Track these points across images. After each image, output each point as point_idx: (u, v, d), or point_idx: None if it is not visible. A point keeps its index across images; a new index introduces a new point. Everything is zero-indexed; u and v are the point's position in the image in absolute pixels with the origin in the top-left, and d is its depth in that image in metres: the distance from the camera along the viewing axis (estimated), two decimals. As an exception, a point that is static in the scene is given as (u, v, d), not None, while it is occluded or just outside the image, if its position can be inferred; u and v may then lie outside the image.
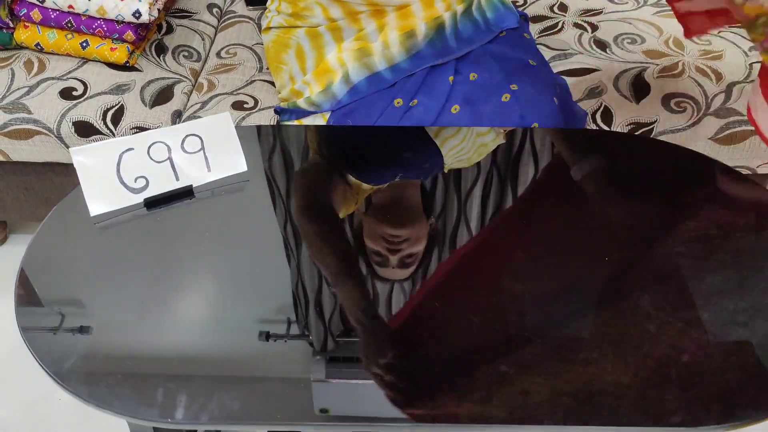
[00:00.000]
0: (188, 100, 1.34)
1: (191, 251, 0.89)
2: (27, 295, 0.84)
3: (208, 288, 0.85)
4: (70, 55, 1.35)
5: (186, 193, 0.94)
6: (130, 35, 1.30)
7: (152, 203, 0.92)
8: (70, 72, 1.33)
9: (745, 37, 1.40)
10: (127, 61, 1.33)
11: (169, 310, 0.82)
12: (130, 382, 0.73)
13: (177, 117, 1.29)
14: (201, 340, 0.79)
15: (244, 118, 1.25)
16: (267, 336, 0.78)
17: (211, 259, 0.88)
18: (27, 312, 0.81)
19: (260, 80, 1.35)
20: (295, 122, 1.15)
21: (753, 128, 0.98)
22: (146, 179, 0.92)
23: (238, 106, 1.28)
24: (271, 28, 1.23)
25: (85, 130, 1.25)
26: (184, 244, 0.90)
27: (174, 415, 0.70)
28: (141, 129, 1.25)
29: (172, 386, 0.73)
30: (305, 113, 1.14)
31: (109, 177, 0.90)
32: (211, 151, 0.94)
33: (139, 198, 0.91)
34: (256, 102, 1.29)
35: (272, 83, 1.32)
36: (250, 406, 0.71)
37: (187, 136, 0.93)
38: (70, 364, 0.75)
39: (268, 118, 1.25)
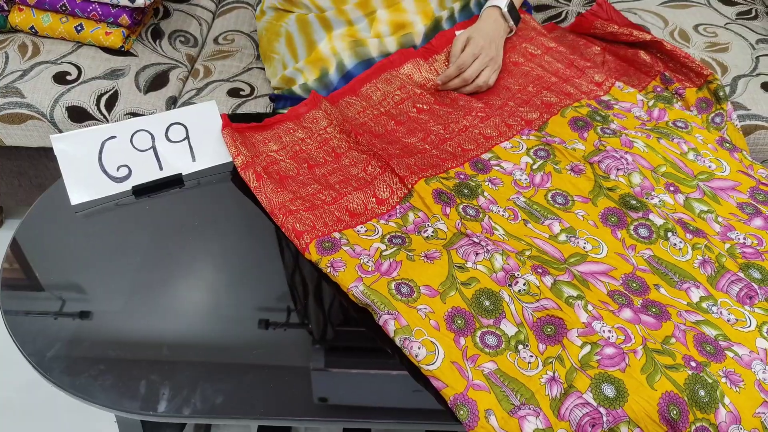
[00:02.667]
0: (184, 86, 1.32)
1: (183, 239, 0.87)
2: (12, 281, 0.82)
3: (204, 276, 0.83)
4: (64, 39, 1.33)
5: (175, 181, 0.92)
6: (125, 19, 1.28)
7: (140, 191, 0.91)
8: (64, 56, 1.31)
9: (752, 30, 1.37)
10: (122, 46, 1.31)
11: (163, 298, 0.81)
12: (118, 373, 0.72)
13: (172, 103, 1.27)
14: (197, 330, 0.77)
15: (239, 106, 1.23)
16: (266, 324, 0.77)
17: (206, 248, 0.87)
18: (11, 297, 0.80)
19: (257, 67, 1.33)
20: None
21: (757, 123, 0.97)
22: (129, 168, 0.90)
23: (234, 93, 1.26)
24: (264, 11, 1.21)
25: (78, 115, 1.24)
26: (175, 232, 0.88)
27: (157, 408, 0.69)
28: (135, 115, 1.23)
29: (160, 378, 0.72)
30: (301, 100, 1.12)
31: (90, 165, 0.88)
32: (196, 140, 0.93)
33: (122, 187, 0.90)
34: (253, 89, 1.27)
35: (268, 70, 1.29)
36: (246, 398, 0.70)
37: (171, 124, 0.92)
38: (53, 352, 0.74)
39: (263, 106, 1.23)
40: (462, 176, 0.91)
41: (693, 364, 0.68)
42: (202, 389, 0.70)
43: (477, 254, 0.78)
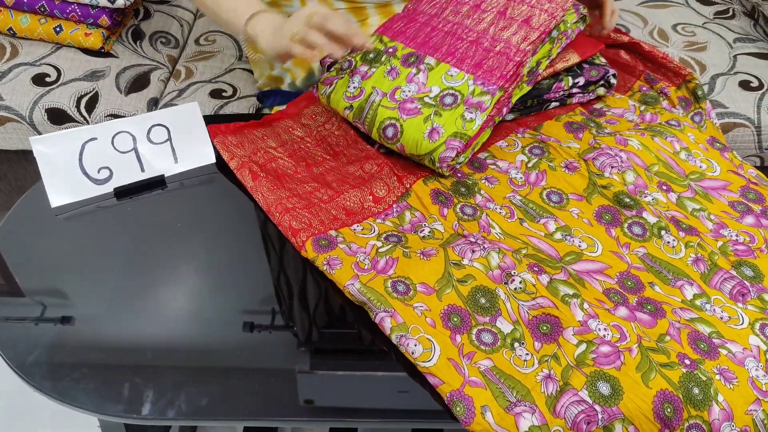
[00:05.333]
0: (165, 87, 1.31)
1: (166, 241, 0.86)
2: (-7, 286, 0.81)
3: (188, 279, 0.82)
4: (43, 40, 1.32)
5: (157, 183, 0.91)
6: (105, 20, 1.27)
7: (122, 193, 0.90)
8: (43, 57, 1.29)
9: (730, 29, 1.39)
10: (102, 47, 1.30)
11: (146, 301, 0.79)
12: (101, 377, 0.71)
13: (153, 105, 1.26)
14: (180, 332, 0.77)
15: (222, 107, 1.22)
16: (251, 326, 0.77)
17: (190, 250, 0.85)
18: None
19: (239, 68, 1.32)
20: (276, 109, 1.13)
21: (735, 121, 0.99)
22: (110, 170, 0.89)
23: (216, 94, 1.25)
24: None
25: (58, 117, 1.22)
26: (157, 234, 0.88)
27: (141, 410, 0.68)
28: (116, 117, 1.22)
29: (143, 381, 0.71)
30: (290, 95, 1.12)
31: (71, 167, 0.87)
32: (178, 141, 0.92)
33: (102, 189, 0.89)
34: (235, 90, 1.26)
35: (252, 71, 1.29)
36: (231, 400, 0.69)
37: (153, 126, 0.91)
38: (33, 358, 0.73)
39: (246, 107, 1.23)
40: (459, 175, 0.92)
41: (687, 362, 0.68)
42: (186, 391, 0.70)
43: (473, 252, 0.78)
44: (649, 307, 0.75)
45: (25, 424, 1.28)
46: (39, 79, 1.25)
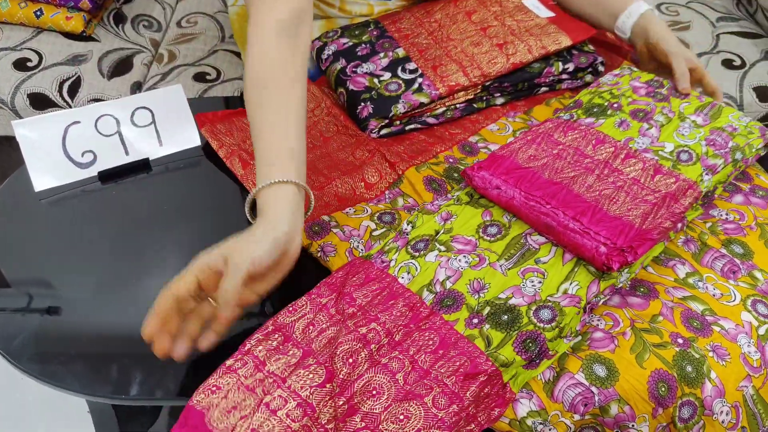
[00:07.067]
0: (148, 71, 1.30)
1: (152, 225, 0.86)
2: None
3: (174, 263, 0.82)
4: (23, 25, 1.30)
5: (142, 166, 0.91)
6: (86, 3, 1.25)
7: (106, 176, 0.89)
8: (24, 42, 1.28)
9: (712, 8, 1.39)
10: (83, 31, 1.29)
11: (133, 286, 0.79)
12: (88, 359, 0.71)
13: (137, 89, 1.25)
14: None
15: (206, 91, 1.22)
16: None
17: (175, 233, 0.85)
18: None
19: (223, 50, 1.31)
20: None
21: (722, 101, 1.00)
22: (94, 153, 0.89)
23: (200, 77, 1.24)
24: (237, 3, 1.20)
25: (40, 102, 1.21)
26: (143, 218, 0.87)
27: (129, 391, 0.69)
28: (99, 101, 1.21)
29: (131, 363, 0.70)
30: None
31: (54, 151, 0.87)
32: (162, 124, 0.91)
33: (87, 173, 0.88)
34: (219, 73, 1.26)
35: (236, 53, 1.28)
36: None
37: (137, 108, 0.90)
38: (20, 341, 0.73)
39: (231, 90, 1.22)
40: (451, 160, 0.91)
41: (680, 340, 0.69)
42: (174, 372, 0.70)
43: None
44: (642, 290, 0.76)
45: (10, 425, 1.27)
46: (20, 64, 1.24)
